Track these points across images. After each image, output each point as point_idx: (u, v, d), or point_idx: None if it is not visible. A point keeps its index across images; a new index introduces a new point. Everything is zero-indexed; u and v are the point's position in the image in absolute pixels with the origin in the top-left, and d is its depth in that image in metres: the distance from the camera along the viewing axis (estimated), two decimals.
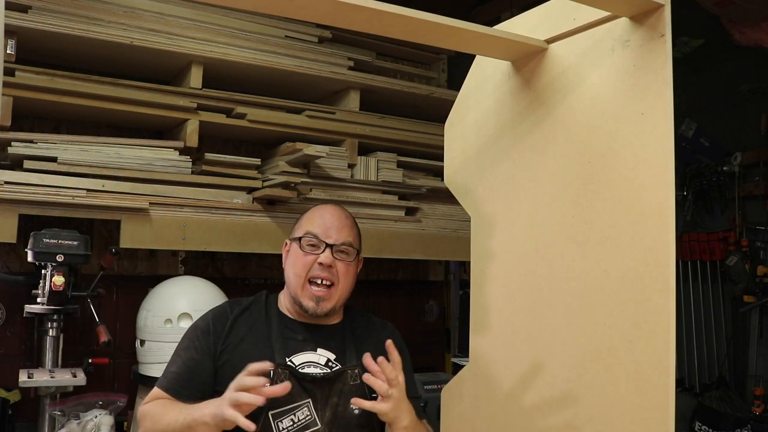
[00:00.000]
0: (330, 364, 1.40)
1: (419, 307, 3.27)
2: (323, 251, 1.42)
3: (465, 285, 3.99)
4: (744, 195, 3.30)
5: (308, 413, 1.32)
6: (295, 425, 1.30)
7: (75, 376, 2.05)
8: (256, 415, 1.27)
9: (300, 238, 1.45)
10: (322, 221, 1.46)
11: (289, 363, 1.35)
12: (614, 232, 1.07)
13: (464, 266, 3.94)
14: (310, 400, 1.32)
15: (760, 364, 3.16)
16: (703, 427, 3.08)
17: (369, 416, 1.36)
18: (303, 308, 1.42)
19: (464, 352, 3.43)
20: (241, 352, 1.38)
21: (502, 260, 1.33)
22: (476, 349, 1.41)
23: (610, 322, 1.07)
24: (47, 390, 2.05)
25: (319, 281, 1.42)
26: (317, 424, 1.32)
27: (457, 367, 3.12)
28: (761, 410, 3.03)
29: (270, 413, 1.29)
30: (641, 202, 1.02)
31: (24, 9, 2.16)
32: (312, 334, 1.43)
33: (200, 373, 1.38)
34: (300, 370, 1.36)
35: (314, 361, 1.39)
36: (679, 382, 3.34)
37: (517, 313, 1.28)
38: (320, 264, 1.41)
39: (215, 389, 1.36)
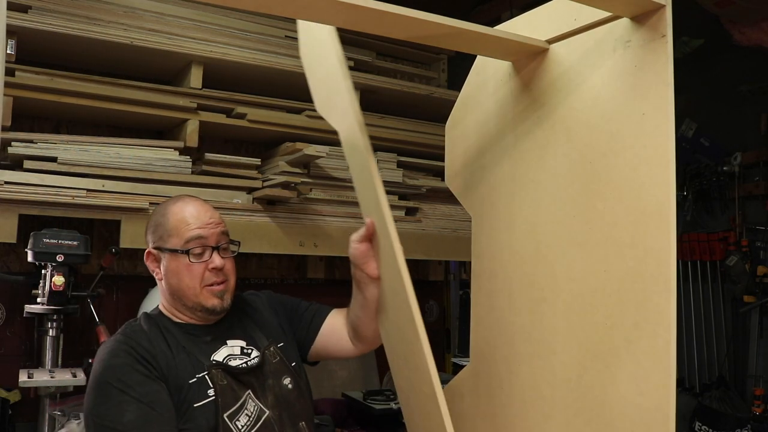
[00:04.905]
0: (246, 350, 1.39)
1: (420, 306, 3.26)
2: (211, 256, 1.36)
3: (465, 285, 4.00)
4: (744, 195, 3.30)
5: (254, 403, 1.32)
6: (250, 419, 1.29)
7: (75, 376, 2.05)
8: (215, 421, 1.25)
9: (186, 251, 1.34)
10: (196, 221, 1.37)
11: (216, 362, 1.34)
12: (615, 232, 1.07)
13: (464, 266, 3.94)
14: (249, 390, 1.32)
15: (760, 364, 3.16)
16: (703, 427, 3.08)
17: (299, 386, 1.41)
18: (207, 310, 1.37)
19: (464, 352, 3.43)
20: (172, 371, 1.30)
21: (502, 260, 1.33)
22: (476, 349, 1.41)
23: (610, 322, 1.06)
24: (47, 390, 2.05)
25: (213, 285, 1.37)
26: (266, 411, 1.32)
27: (457, 367, 3.12)
28: (761, 410, 3.03)
29: (225, 415, 1.27)
30: (642, 202, 1.02)
31: (24, 9, 2.16)
32: (215, 332, 1.40)
33: (168, 402, 1.25)
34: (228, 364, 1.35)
35: (232, 353, 1.37)
36: (679, 382, 3.35)
37: (517, 313, 1.28)
38: (213, 269, 1.36)
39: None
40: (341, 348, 1.53)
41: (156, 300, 2.26)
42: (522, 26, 1.29)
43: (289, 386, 1.39)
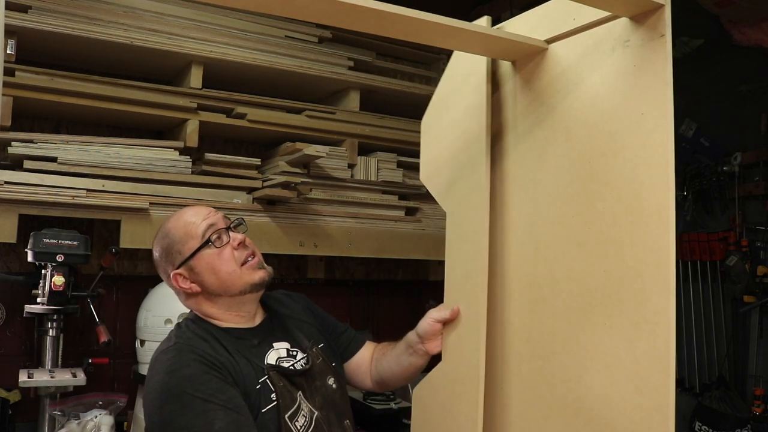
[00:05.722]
0: (291, 352, 1.39)
1: (419, 307, 3.26)
2: (229, 237, 1.36)
3: None
4: (744, 195, 3.30)
5: (305, 404, 1.33)
6: (306, 420, 1.31)
7: (75, 376, 2.05)
8: (278, 423, 1.26)
9: (207, 241, 1.34)
10: (198, 217, 1.37)
11: (270, 365, 1.34)
12: (614, 232, 1.07)
13: None
14: (300, 392, 1.33)
15: (760, 364, 3.15)
16: (703, 427, 3.08)
17: (341, 386, 1.43)
18: (257, 285, 1.37)
19: None
20: (239, 376, 1.29)
21: (502, 260, 1.33)
22: None
23: (610, 322, 1.06)
24: (47, 390, 2.05)
25: (249, 260, 1.38)
26: (314, 412, 1.33)
27: None
28: (761, 410, 3.03)
29: (286, 416, 1.28)
30: (641, 202, 1.02)
31: (24, 9, 2.16)
32: (259, 334, 1.40)
33: (246, 407, 1.23)
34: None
35: (280, 356, 1.37)
36: (679, 382, 3.34)
37: (517, 313, 1.28)
38: (238, 246, 1.36)
39: None
40: (359, 381, 1.58)
41: (156, 299, 2.28)
42: (521, 26, 1.29)
43: (334, 386, 1.41)
